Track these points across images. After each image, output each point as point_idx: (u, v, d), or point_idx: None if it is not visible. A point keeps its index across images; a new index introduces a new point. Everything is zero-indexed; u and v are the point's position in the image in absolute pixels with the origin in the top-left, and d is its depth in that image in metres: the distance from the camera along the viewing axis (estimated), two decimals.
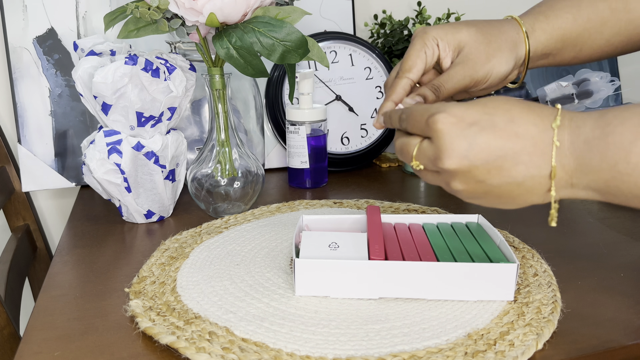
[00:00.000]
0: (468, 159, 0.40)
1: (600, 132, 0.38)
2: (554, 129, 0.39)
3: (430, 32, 0.52)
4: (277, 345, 0.45)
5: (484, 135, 0.39)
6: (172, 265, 0.60)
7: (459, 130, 0.40)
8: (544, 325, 0.47)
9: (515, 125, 0.39)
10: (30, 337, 0.48)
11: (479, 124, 0.40)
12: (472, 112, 0.40)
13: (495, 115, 0.40)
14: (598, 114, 0.39)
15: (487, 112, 0.40)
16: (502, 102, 0.41)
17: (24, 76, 0.87)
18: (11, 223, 0.95)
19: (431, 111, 0.42)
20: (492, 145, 0.39)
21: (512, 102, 0.41)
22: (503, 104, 0.40)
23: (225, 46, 0.62)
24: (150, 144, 0.70)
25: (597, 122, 0.38)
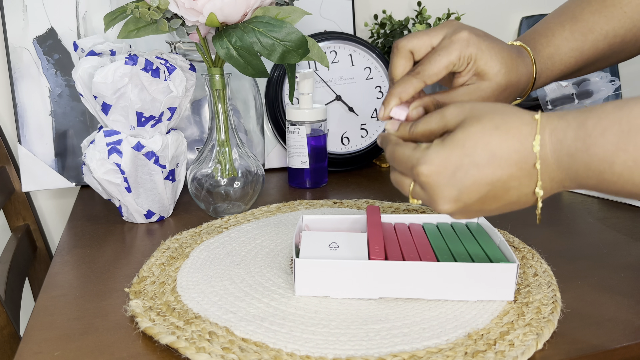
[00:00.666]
0: (461, 201, 0.42)
1: (582, 144, 0.38)
2: (535, 153, 0.39)
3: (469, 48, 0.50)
4: (277, 345, 0.45)
5: (470, 177, 0.41)
6: (172, 265, 0.60)
7: (445, 180, 0.41)
8: (544, 325, 0.47)
9: (497, 159, 0.40)
10: (30, 337, 0.48)
11: (461, 169, 0.41)
12: (452, 158, 0.41)
13: (475, 155, 0.40)
14: (577, 123, 0.39)
15: (467, 154, 0.40)
16: (479, 135, 0.40)
17: (24, 76, 0.87)
18: (11, 223, 0.95)
19: (413, 161, 0.43)
20: (480, 182, 0.41)
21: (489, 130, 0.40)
22: (480, 138, 0.40)
23: (225, 46, 0.62)
24: (150, 144, 0.70)
25: (578, 133, 0.39)
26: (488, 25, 1.24)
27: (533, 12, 1.27)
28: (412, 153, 0.43)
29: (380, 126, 1.00)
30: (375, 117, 1.00)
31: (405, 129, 0.46)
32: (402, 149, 0.44)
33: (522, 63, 0.53)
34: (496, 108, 0.41)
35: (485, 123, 0.40)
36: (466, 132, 0.40)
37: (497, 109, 0.41)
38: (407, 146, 0.44)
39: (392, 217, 0.62)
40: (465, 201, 0.42)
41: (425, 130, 0.44)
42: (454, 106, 0.43)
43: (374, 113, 1.00)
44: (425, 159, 0.42)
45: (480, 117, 0.41)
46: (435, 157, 0.41)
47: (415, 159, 0.42)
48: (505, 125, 0.40)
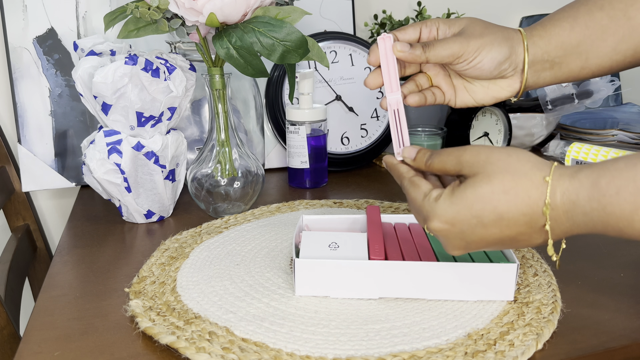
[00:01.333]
0: (470, 248, 0.44)
1: (597, 204, 0.38)
2: (546, 216, 0.40)
3: (434, 19, 0.55)
4: (277, 345, 0.45)
5: (478, 235, 0.42)
6: (172, 265, 0.60)
7: (453, 235, 0.43)
8: (543, 325, 0.47)
9: (505, 221, 0.41)
10: (30, 337, 0.48)
11: (469, 228, 0.42)
12: (460, 217, 0.42)
13: (482, 217, 0.41)
14: (590, 183, 0.39)
15: (475, 216, 0.41)
16: (487, 198, 0.41)
17: (24, 76, 0.87)
18: (11, 223, 0.95)
19: (424, 212, 0.44)
20: (487, 239, 0.43)
21: (497, 194, 0.41)
22: (488, 202, 0.41)
23: (225, 46, 0.62)
24: (150, 144, 0.70)
25: (592, 193, 0.39)
26: None
27: (533, 11, 1.27)
28: (422, 203, 0.45)
29: (380, 126, 1.00)
30: (375, 117, 1.00)
31: (422, 161, 0.47)
32: (414, 193, 0.46)
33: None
34: (509, 165, 0.41)
35: (495, 185, 0.41)
36: (475, 193, 0.41)
37: (510, 167, 0.41)
38: (418, 190, 0.45)
39: (392, 217, 0.62)
40: (473, 248, 0.44)
41: (441, 168, 0.45)
42: (472, 154, 0.43)
43: (374, 113, 1.00)
44: (434, 214, 0.43)
45: (491, 176, 0.41)
46: (443, 214, 0.43)
47: (426, 212, 0.44)
48: (514, 190, 0.40)
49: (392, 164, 0.50)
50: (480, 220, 0.41)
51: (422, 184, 0.46)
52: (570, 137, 1.09)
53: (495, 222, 0.41)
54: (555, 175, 0.40)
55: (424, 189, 0.45)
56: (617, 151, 0.88)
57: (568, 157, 0.93)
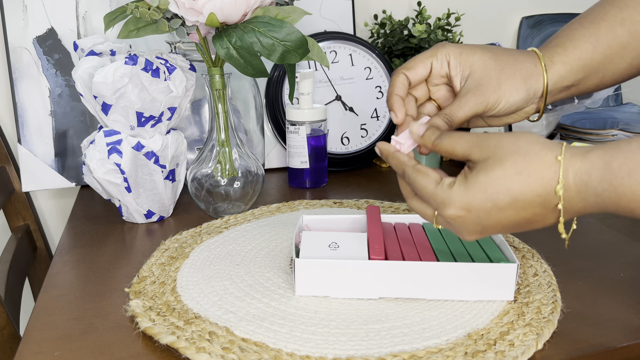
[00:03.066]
0: (485, 232, 0.44)
1: (608, 185, 0.39)
2: (559, 196, 0.40)
3: (446, 48, 0.52)
4: (277, 345, 0.45)
5: (494, 218, 0.42)
6: (172, 265, 0.60)
7: (470, 221, 0.43)
8: (544, 325, 0.47)
9: (519, 202, 0.41)
10: (30, 337, 0.48)
11: (485, 212, 0.42)
12: (475, 202, 0.42)
13: (497, 200, 0.41)
14: (602, 163, 0.39)
15: (490, 199, 0.41)
16: (501, 180, 0.41)
17: (24, 76, 0.87)
18: (11, 223, 0.95)
19: (437, 200, 0.43)
20: (503, 222, 0.42)
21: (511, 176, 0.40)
22: (502, 184, 0.41)
23: (225, 46, 0.62)
24: (150, 144, 0.70)
25: (604, 174, 0.39)
26: (488, 25, 1.24)
27: (533, 12, 1.27)
28: (435, 191, 0.44)
29: (380, 126, 1.00)
30: (375, 117, 1.00)
31: (430, 139, 0.46)
32: (424, 182, 0.44)
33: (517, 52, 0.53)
34: (519, 148, 0.41)
35: (508, 167, 0.41)
36: (488, 177, 0.41)
37: (521, 149, 0.41)
38: (428, 178, 0.44)
39: (392, 217, 0.62)
40: (490, 232, 0.44)
41: (449, 150, 0.45)
42: (481, 138, 0.43)
43: (374, 113, 1.00)
44: (450, 200, 0.42)
45: (502, 159, 0.41)
46: (458, 200, 0.42)
47: (440, 199, 0.43)
48: (527, 170, 0.40)
49: (390, 151, 0.48)
50: (496, 204, 0.41)
51: (429, 172, 0.45)
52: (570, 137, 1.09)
53: (510, 204, 0.41)
54: (567, 155, 0.40)
55: (434, 177, 0.44)
56: None
57: None
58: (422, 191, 0.45)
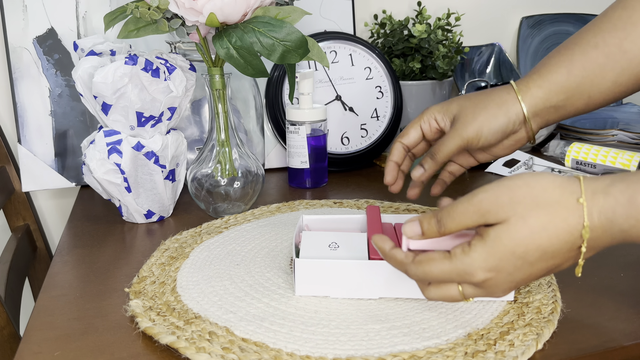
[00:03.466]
0: (519, 285, 0.43)
1: (635, 222, 0.38)
2: (584, 237, 0.39)
3: (430, 109, 0.60)
4: (277, 345, 0.45)
5: (525, 271, 0.41)
6: (172, 265, 0.60)
7: (501, 280, 0.41)
8: (544, 325, 0.47)
9: (549, 254, 0.40)
10: (30, 337, 0.48)
11: (515, 267, 0.41)
12: (504, 263, 0.40)
13: (528, 257, 0.40)
14: (626, 200, 0.38)
15: (519, 257, 0.40)
16: (529, 240, 0.39)
17: (24, 76, 0.87)
18: (11, 223, 0.95)
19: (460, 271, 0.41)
20: (535, 273, 0.42)
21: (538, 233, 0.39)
22: (530, 243, 0.39)
23: (225, 46, 0.62)
24: (150, 144, 0.70)
25: (629, 211, 0.38)
26: (488, 25, 1.24)
27: (533, 12, 1.27)
28: (452, 266, 0.41)
29: (380, 126, 1.00)
30: (375, 117, 1.00)
31: (433, 231, 0.43)
32: (434, 267, 0.42)
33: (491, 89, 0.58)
34: (538, 198, 0.39)
35: (533, 225, 0.39)
36: (515, 238, 0.39)
37: (540, 200, 0.39)
38: (435, 262, 0.42)
39: (392, 217, 0.62)
40: (523, 284, 0.43)
41: (459, 228, 0.42)
42: (491, 200, 0.40)
43: (374, 113, 1.00)
44: (473, 268, 0.40)
45: (525, 217, 0.39)
46: (484, 264, 0.40)
47: (462, 271, 0.41)
48: (552, 222, 0.39)
49: (385, 250, 0.45)
50: (526, 260, 0.40)
51: (433, 256, 0.42)
52: (570, 137, 1.09)
53: (540, 257, 0.40)
54: (588, 194, 0.39)
55: (440, 256, 0.42)
56: (617, 151, 0.88)
57: (568, 157, 0.93)
58: (438, 276, 0.42)
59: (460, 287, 0.42)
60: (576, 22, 1.29)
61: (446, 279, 0.42)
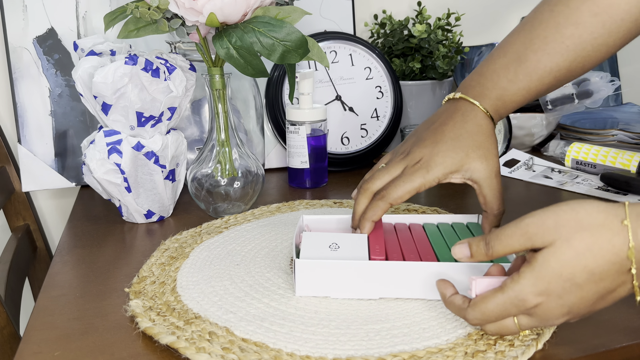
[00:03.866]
0: (575, 311, 0.42)
1: None
2: (630, 258, 0.40)
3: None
4: (277, 345, 0.45)
5: (576, 294, 0.41)
6: (172, 265, 0.60)
7: (552, 304, 0.42)
8: None
9: (596, 275, 0.40)
10: (30, 337, 0.48)
11: (565, 292, 0.41)
12: (552, 286, 0.41)
13: (575, 279, 0.40)
14: None
15: (567, 279, 0.41)
16: (575, 262, 0.40)
17: (24, 76, 0.87)
18: (11, 223, 0.95)
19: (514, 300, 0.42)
20: (587, 296, 0.41)
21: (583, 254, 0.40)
22: (577, 265, 0.40)
23: (225, 46, 0.62)
24: (150, 144, 0.70)
25: None
26: (488, 25, 1.24)
27: None
28: (507, 294, 0.42)
29: (380, 126, 1.00)
30: (375, 117, 1.00)
31: (481, 254, 0.44)
32: (493, 300, 0.43)
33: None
34: (582, 222, 0.40)
35: (578, 246, 0.40)
36: (561, 261, 0.40)
37: (584, 224, 0.40)
38: (493, 295, 0.43)
39: (392, 217, 0.62)
40: (577, 311, 0.42)
41: (506, 252, 0.43)
42: (537, 225, 0.41)
43: (374, 113, 1.00)
44: (524, 294, 0.41)
45: (570, 239, 0.40)
46: (533, 289, 0.41)
47: (515, 300, 0.42)
48: (597, 244, 0.40)
49: (445, 296, 0.47)
50: (574, 282, 0.41)
51: (485, 294, 0.43)
52: (570, 137, 1.09)
53: (588, 279, 0.40)
54: (632, 217, 0.40)
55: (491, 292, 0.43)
56: (617, 151, 0.88)
57: (568, 157, 0.93)
58: (495, 312, 0.43)
59: (515, 319, 0.43)
60: None
61: (503, 313, 0.43)
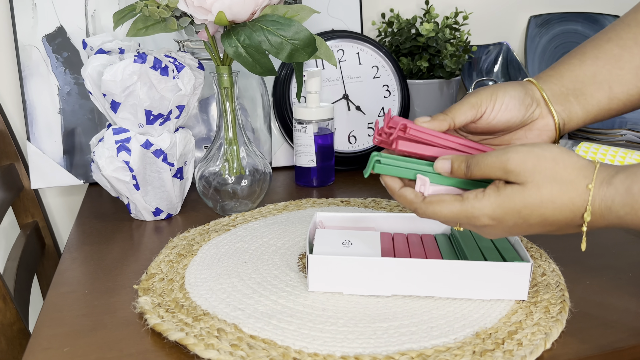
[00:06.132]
0: (510, 235, 0.47)
1: (630, 209, 0.41)
2: (585, 219, 0.43)
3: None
4: (285, 342, 0.45)
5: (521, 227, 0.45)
6: (181, 262, 0.60)
7: (498, 229, 0.46)
8: (552, 324, 0.47)
9: (548, 221, 0.44)
10: (40, 332, 0.49)
11: (514, 223, 0.44)
12: (507, 217, 0.44)
13: (529, 219, 0.44)
14: (624, 189, 0.41)
15: (522, 217, 0.44)
16: (536, 206, 0.43)
17: (33, 74, 0.88)
18: (20, 220, 0.95)
19: (468, 216, 0.45)
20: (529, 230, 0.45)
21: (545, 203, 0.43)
22: (536, 209, 0.43)
23: (233, 44, 0.62)
24: (158, 142, 0.70)
25: (625, 199, 0.42)
26: (496, 24, 1.24)
27: (541, 11, 1.27)
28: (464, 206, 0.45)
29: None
30: (382, 116, 1.00)
31: (461, 171, 0.46)
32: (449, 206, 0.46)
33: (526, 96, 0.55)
34: (557, 175, 0.43)
35: (544, 195, 0.43)
36: (524, 201, 0.43)
37: (557, 176, 0.43)
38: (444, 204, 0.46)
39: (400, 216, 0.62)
40: (513, 235, 0.47)
41: (484, 176, 0.45)
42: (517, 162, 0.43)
43: (381, 112, 1.00)
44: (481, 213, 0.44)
45: (540, 187, 0.43)
46: (490, 212, 0.44)
47: (470, 214, 0.45)
48: (560, 199, 0.43)
49: (394, 188, 0.49)
50: (526, 221, 0.44)
51: (444, 198, 0.46)
52: (579, 137, 1.08)
53: (540, 223, 0.44)
54: (596, 183, 0.42)
55: (451, 199, 0.45)
56: (626, 151, 0.88)
57: None
58: (446, 216, 0.46)
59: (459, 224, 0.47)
60: (585, 22, 1.28)
61: (453, 219, 0.46)
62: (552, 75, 0.55)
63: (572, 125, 0.55)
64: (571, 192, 0.42)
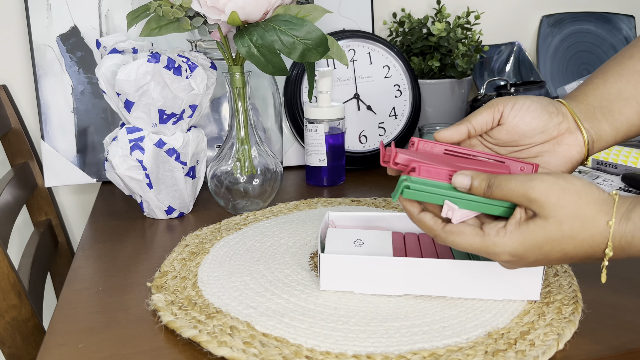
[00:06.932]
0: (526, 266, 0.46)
1: None
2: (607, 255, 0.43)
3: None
4: (297, 340, 0.45)
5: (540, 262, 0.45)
6: (193, 260, 0.60)
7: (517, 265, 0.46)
8: (564, 325, 0.47)
9: (568, 257, 0.44)
10: (55, 329, 0.49)
11: (535, 260, 0.45)
12: (528, 254, 0.44)
13: (550, 255, 0.44)
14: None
15: (543, 253, 0.44)
16: (556, 242, 0.43)
17: (47, 73, 0.89)
18: (34, 218, 0.96)
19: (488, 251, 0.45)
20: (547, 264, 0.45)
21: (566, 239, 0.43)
22: (557, 245, 0.43)
23: (246, 44, 0.63)
24: (171, 141, 0.71)
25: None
26: (508, 24, 1.23)
27: (553, 10, 1.26)
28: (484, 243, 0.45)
29: (398, 125, 1.00)
30: (393, 116, 1.00)
31: (480, 190, 0.45)
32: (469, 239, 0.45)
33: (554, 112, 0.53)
34: (579, 210, 0.42)
35: (565, 231, 0.43)
36: (546, 237, 0.43)
37: (579, 212, 0.42)
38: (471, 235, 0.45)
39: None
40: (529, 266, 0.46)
41: (504, 198, 0.45)
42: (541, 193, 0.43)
43: (392, 111, 1.00)
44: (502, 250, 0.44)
45: (562, 223, 0.42)
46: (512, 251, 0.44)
47: (491, 250, 0.44)
48: (581, 236, 0.43)
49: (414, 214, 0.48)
50: (547, 257, 0.44)
51: (465, 230, 0.45)
52: None
53: (560, 258, 0.44)
54: (617, 218, 0.42)
55: (471, 232, 0.45)
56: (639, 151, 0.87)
57: None
58: (465, 249, 0.45)
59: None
60: (597, 21, 1.27)
61: (472, 251, 0.45)
62: (576, 96, 0.54)
63: (601, 145, 0.53)
64: (592, 229, 0.43)
